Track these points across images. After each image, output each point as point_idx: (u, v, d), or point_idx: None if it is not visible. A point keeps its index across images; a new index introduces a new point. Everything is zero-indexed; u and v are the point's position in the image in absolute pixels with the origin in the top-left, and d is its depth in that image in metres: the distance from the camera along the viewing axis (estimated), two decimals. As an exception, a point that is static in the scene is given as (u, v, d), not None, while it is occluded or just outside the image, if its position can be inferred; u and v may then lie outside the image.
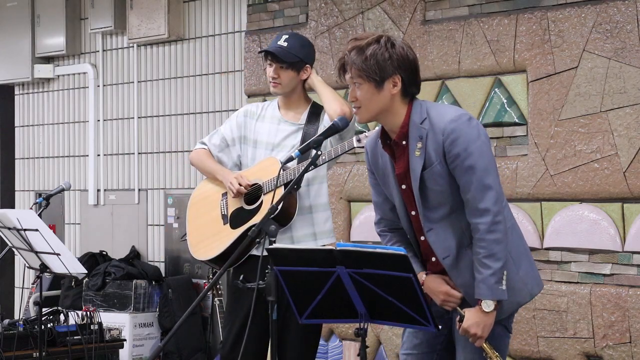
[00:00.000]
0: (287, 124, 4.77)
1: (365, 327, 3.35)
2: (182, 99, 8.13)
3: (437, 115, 3.54)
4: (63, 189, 6.16)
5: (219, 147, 4.85)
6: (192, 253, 4.86)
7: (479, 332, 3.49)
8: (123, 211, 8.52)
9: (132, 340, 7.46)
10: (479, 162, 3.48)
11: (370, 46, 3.51)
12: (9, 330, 5.99)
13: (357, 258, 3.24)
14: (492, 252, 3.46)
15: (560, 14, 5.79)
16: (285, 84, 4.73)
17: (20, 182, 9.46)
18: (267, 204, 4.58)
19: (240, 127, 4.85)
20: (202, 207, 4.90)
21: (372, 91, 3.53)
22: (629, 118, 5.51)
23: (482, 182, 3.47)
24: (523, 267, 3.62)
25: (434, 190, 3.55)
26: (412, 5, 6.43)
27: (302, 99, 4.82)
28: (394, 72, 3.52)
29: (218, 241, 4.75)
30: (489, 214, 3.46)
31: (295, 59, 4.70)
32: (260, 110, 4.86)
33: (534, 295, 3.68)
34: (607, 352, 5.55)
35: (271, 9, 7.26)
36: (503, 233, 3.48)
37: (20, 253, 5.73)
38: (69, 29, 8.83)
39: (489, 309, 3.48)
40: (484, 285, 3.47)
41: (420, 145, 3.52)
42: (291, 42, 4.74)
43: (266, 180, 4.66)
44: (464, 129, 3.49)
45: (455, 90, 6.23)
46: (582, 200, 5.69)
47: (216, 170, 4.81)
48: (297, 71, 4.72)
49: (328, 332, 6.81)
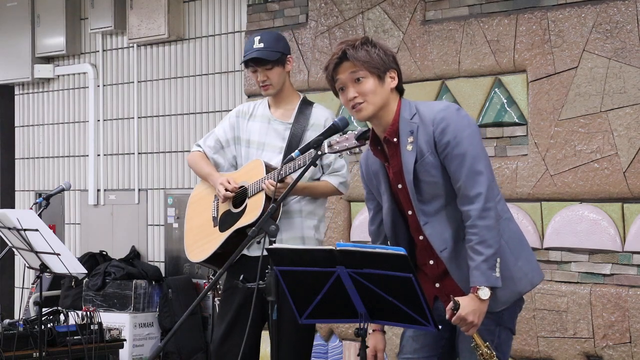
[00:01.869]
0: (277, 123, 4.79)
1: (365, 327, 3.35)
2: (182, 99, 8.13)
3: (426, 108, 3.59)
4: (63, 189, 6.16)
5: (213, 148, 4.89)
6: (186, 254, 4.93)
7: (475, 320, 3.47)
8: (123, 211, 8.52)
9: (132, 340, 7.46)
10: (470, 149, 3.50)
11: (366, 44, 3.58)
12: (9, 330, 5.99)
13: (357, 258, 3.24)
14: (484, 239, 3.46)
15: (560, 14, 5.79)
16: (276, 82, 4.76)
17: (20, 182, 9.46)
18: (252, 206, 4.64)
19: (233, 127, 4.89)
20: (197, 208, 4.95)
21: (376, 84, 3.56)
22: (629, 118, 5.51)
23: (473, 169, 3.49)
24: (522, 257, 3.62)
25: (427, 182, 3.56)
26: (412, 5, 6.43)
27: (291, 95, 4.85)
28: (391, 66, 3.59)
29: (208, 243, 4.80)
30: (480, 199, 3.46)
31: (277, 55, 4.74)
32: (252, 110, 4.89)
33: (535, 285, 3.67)
34: (607, 352, 5.55)
35: (271, 9, 7.26)
36: (494, 219, 3.48)
37: (20, 253, 5.73)
38: (69, 29, 8.83)
39: (485, 296, 3.46)
40: (477, 271, 3.46)
41: (411, 140, 3.55)
42: (266, 41, 4.78)
43: (252, 183, 4.69)
44: (453, 118, 3.53)
45: (455, 90, 6.23)
46: (582, 200, 5.69)
47: (207, 174, 4.85)
48: (282, 66, 4.76)
49: (328, 332, 6.81)
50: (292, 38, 7.04)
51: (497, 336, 3.59)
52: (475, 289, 3.47)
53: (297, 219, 4.71)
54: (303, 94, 4.89)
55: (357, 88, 3.57)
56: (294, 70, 7.01)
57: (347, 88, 3.59)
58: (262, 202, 4.60)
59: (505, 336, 3.63)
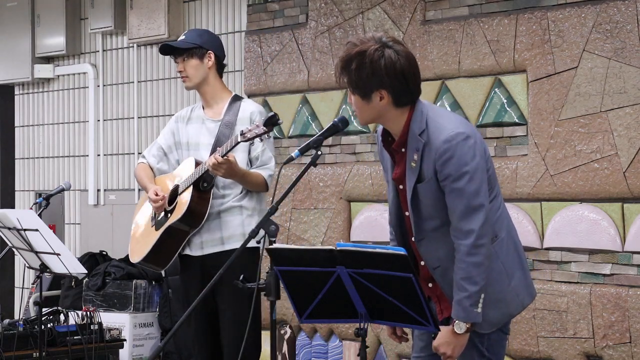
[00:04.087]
0: (209, 122, 4.90)
1: (365, 327, 3.35)
2: (181, 99, 8.12)
3: (435, 130, 3.48)
4: (63, 189, 6.17)
5: (157, 157, 5.02)
6: (129, 256, 5.07)
7: (448, 352, 3.50)
8: (123, 211, 8.51)
9: (132, 340, 7.46)
10: (469, 185, 3.45)
11: (355, 60, 3.46)
12: (9, 330, 5.99)
13: (357, 258, 3.24)
14: (470, 275, 3.44)
15: (560, 14, 5.79)
16: (192, 75, 4.85)
17: (20, 182, 9.46)
18: (180, 203, 4.78)
19: (173, 133, 5.01)
20: (141, 212, 5.11)
21: (360, 102, 3.53)
22: (629, 118, 5.51)
23: (470, 205, 3.44)
24: (515, 278, 3.60)
25: (425, 204, 3.54)
26: (412, 5, 6.43)
27: (220, 92, 4.94)
28: (378, 87, 3.47)
29: (145, 243, 4.91)
30: (472, 236, 3.43)
31: (191, 45, 4.82)
32: (189, 113, 5.01)
33: (525, 306, 3.66)
34: (607, 352, 5.55)
35: (271, 9, 7.26)
36: (484, 256, 3.45)
37: (20, 253, 5.73)
38: (69, 29, 8.83)
39: (460, 330, 3.47)
40: (459, 307, 3.46)
41: (416, 157, 3.51)
42: (188, 35, 4.93)
43: (182, 180, 4.80)
44: (458, 151, 3.44)
45: (455, 90, 6.23)
46: (582, 200, 5.69)
47: (144, 186, 4.99)
48: (199, 59, 4.82)
49: (328, 332, 6.81)
50: (292, 38, 7.05)
51: (486, 337, 3.60)
52: (454, 322, 3.48)
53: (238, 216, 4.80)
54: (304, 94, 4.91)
55: (351, 99, 3.59)
56: (294, 70, 7.01)
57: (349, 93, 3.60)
58: (188, 197, 4.72)
59: (497, 337, 3.62)
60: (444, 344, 3.49)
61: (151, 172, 5.00)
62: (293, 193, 6.88)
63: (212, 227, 4.77)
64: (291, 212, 7.02)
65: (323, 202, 6.86)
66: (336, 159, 6.81)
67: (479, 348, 3.59)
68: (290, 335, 7.01)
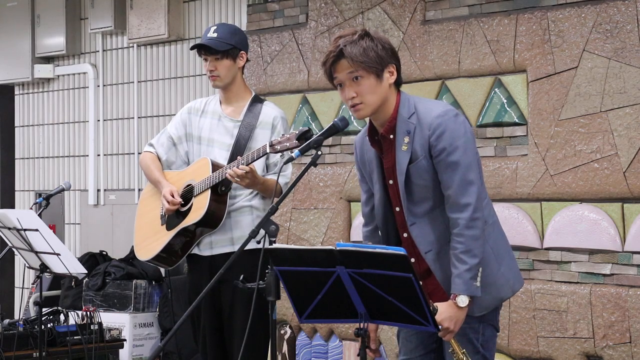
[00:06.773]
0: (227, 120, 4.83)
1: (365, 327, 3.35)
2: (182, 99, 8.13)
3: (425, 110, 3.58)
4: (63, 189, 6.17)
5: (166, 146, 4.92)
6: (135, 253, 4.99)
7: (451, 326, 3.51)
8: (123, 211, 8.52)
9: (132, 340, 7.46)
10: (463, 158, 3.53)
11: (362, 39, 3.54)
12: (9, 330, 5.99)
13: (357, 258, 3.24)
14: (469, 248, 3.50)
15: (560, 14, 5.79)
16: (224, 75, 4.78)
17: (20, 182, 9.47)
18: (197, 205, 4.71)
19: (185, 124, 4.91)
20: (147, 206, 5.00)
21: (374, 83, 3.56)
22: (629, 118, 5.51)
23: (465, 178, 3.52)
24: (505, 263, 3.66)
25: (418, 184, 3.59)
26: (412, 5, 6.43)
27: (242, 92, 4.87)
28: (389, 60, 3.57)
29: (155, 242, 4.85)
30: (469, 209, 3.50)
31: (228, 47, 4.74)
32: (204, 106, 4.92)
33: (515, 291, 3.72)
34: (607, 352, 5.55)
35: (271, 9, 7.26)
36: (481, 230, 3.52)
37: (20, 253, 5.73)
38: (69, 29, 8.83)
39: (463, 304, 3.51)
40: (459, 280, 3.51)
41: (407, 140, 3.57)
42: (221, 32, 4.79)
43: (198, 181, 4.73)
44: (450, 125, 3.54)
45: (455, 90, 6.23)
46: (582, 200, 5.69)
47: (156, 181, 4.88)
48: (232, 59, 4.77)
49: (328, 332, 6.82)
50: (292, 38, 7.05)
51: (481, 334, 3.64)
52: (455, 296, 3.51)
53: (248, 216, 4.76)
54: (304, 94, 4.90)
55: (355, 88, 3.57)
56: (294, 70, 7.01)
57: (345, 86, 3.58)
58: (207, 201, 4.66)
59: (490, 333, 3.68)
60: (447, 318, 3.50)
61: (160, 164, 4.91)
62: (293, 193, 6.89)
63: (222, 227, 4.72)
64: (291, 212, 7.02)
65: (323, 202, 6.86)
66: (336, 159, 6.81)
67: (474, 344, 3.62)
68: (290, 335, 7.01)
